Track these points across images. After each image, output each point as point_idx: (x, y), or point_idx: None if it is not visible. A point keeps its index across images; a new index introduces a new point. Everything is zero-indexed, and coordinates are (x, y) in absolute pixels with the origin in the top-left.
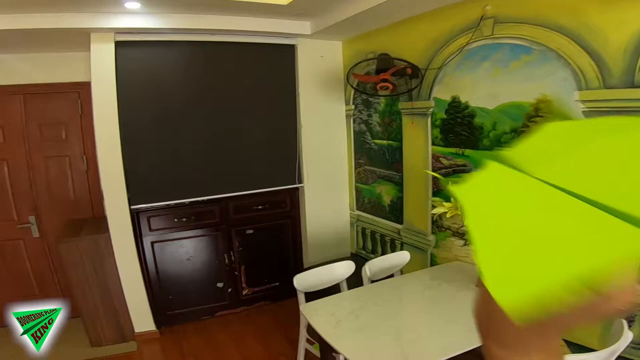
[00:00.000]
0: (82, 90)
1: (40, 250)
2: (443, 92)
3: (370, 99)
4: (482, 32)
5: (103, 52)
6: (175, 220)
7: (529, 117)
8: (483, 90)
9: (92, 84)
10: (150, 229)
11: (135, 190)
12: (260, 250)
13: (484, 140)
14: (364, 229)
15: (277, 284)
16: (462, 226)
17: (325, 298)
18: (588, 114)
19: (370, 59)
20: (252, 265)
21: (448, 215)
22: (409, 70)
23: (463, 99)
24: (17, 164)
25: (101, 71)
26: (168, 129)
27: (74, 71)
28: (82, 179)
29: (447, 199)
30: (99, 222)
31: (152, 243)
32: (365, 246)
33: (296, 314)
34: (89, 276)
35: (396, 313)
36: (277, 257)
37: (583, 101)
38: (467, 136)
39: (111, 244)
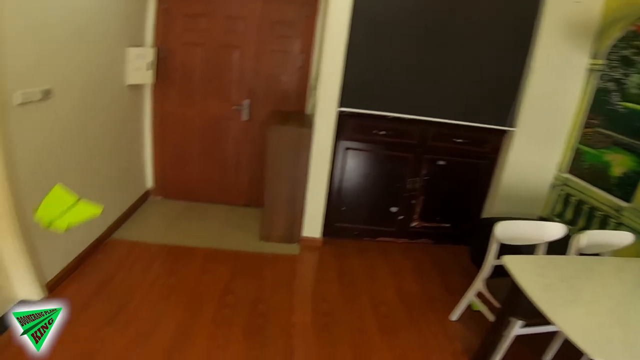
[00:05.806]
0: None
1: (244, 134)
2: None
3: (634, 57)
4: None
5: None
6: (374, 131)
7: None
8: None
9: None
10: (349, 135)
11: (346, 94)
12: (445, 185)
13: None
14: (568, 195)
15: (448, 225)
16: None
17: (532, 256)
18: None
19: None
20: (431, 198)
21: None
22: None
23: None
24: (246, 53)
25: None
26: (388, 42)
27: None
28: (295, 75)
29: None
30: (301, 117)
31: (346, 149)
32: (564, 214)
33: (458, 261)
34: (283, 166)
35: (619, 296)
36: (458, 198)
37: None
38: None
39: (311, 140)
